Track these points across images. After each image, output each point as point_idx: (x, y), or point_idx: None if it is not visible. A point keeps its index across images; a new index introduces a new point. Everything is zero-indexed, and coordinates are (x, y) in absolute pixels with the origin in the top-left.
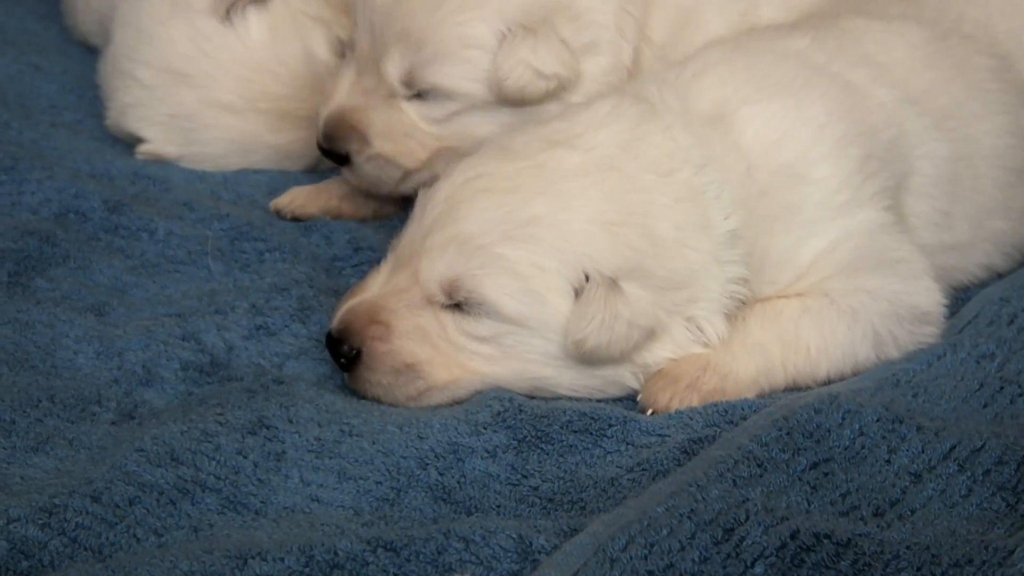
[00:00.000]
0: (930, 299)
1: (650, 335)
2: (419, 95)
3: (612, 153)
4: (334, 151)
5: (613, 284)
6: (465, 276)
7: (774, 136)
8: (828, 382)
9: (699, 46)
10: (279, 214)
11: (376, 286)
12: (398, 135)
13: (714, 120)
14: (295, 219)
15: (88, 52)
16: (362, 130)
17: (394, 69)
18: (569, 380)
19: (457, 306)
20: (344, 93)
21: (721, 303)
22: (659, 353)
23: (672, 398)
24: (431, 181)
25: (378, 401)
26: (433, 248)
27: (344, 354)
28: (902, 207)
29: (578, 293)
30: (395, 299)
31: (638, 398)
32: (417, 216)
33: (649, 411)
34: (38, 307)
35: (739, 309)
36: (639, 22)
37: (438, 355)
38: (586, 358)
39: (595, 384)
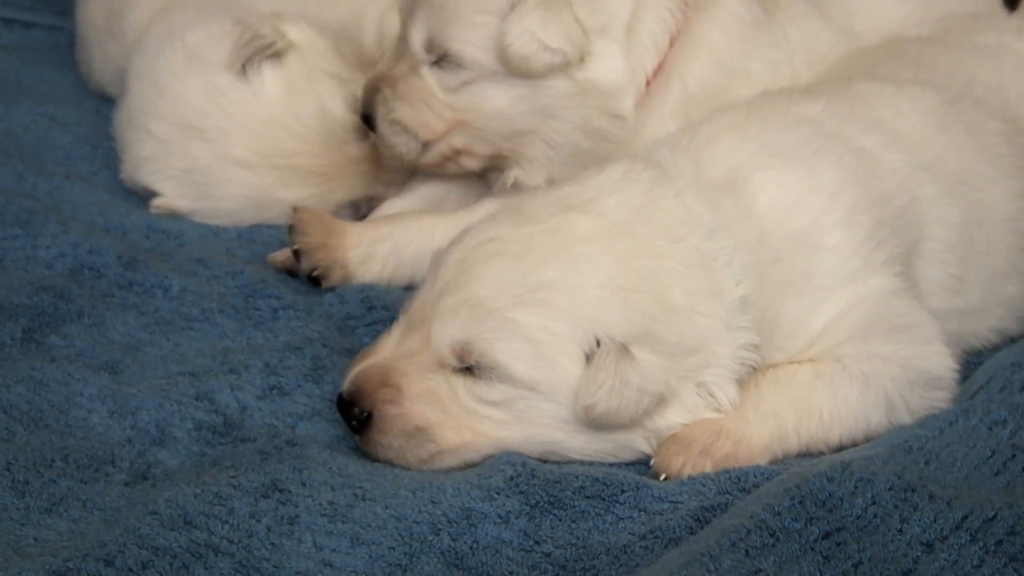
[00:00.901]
0: (942, 364)
1: (660, 401)
2: (438, 62)
3: (624, 218)
4: (365, 115)
5: (624, 349)
6: (477, 340)
7: (787, 203)
8: (841, 447)
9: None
10: (274, 266)
11: (388, 348)
12: (417, 102)
13: (727, 186)
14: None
15: (103, 102)
16: (386, 93)
17: (417, 34)
18: (580, 444)
19: (468, 370)
20: (385, 62)
21: (732, 369)
22: (671, 418)
23: (685, 463)
24: (452, 155)
25: (390, 464)
26: (445, 311)
27: (355, 416)
28: (914, 273)
29: (589, 358)
30: (406, 362)
31: (651, 463)
32: (430, 279)
33: (662, 476)
34: (52, 365)
35: (751, 374)
36: (658, 43)
37: (449, 418)
38: (596, 423)
39: (607, 448)
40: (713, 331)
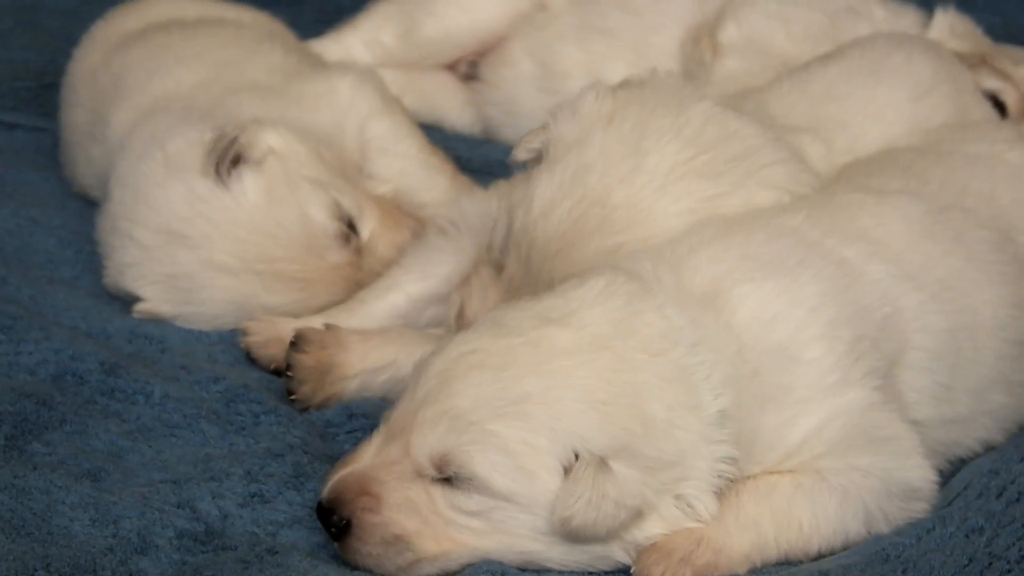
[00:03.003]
0: (921, 476)
1: (638, 514)
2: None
3: (604, 331)
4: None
5: (602, 463)
6: (456, 451)
7: (766, 316)
8: (819, 556)
9: None
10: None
11: (368, 456)
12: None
13: (707, 299)
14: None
15: (87, 205)
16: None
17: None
18: (558, 555)
19: (447, 480)
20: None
21: (710, 482)
22: (649, 530)
23: (665, 572)
24: None
25: (370, 572)
26: (425, 422)
27: (334, 524)
28: (899, 384)
29: (567, 470)
30: (386, 471)
31: (631, 571)
32: (411, 388)
33: None
34: (34, 473)
35: (730, 485)
36: None
37: (427, 527)
38: (574, 536)
39: (584, 560)
40: (691, 445)
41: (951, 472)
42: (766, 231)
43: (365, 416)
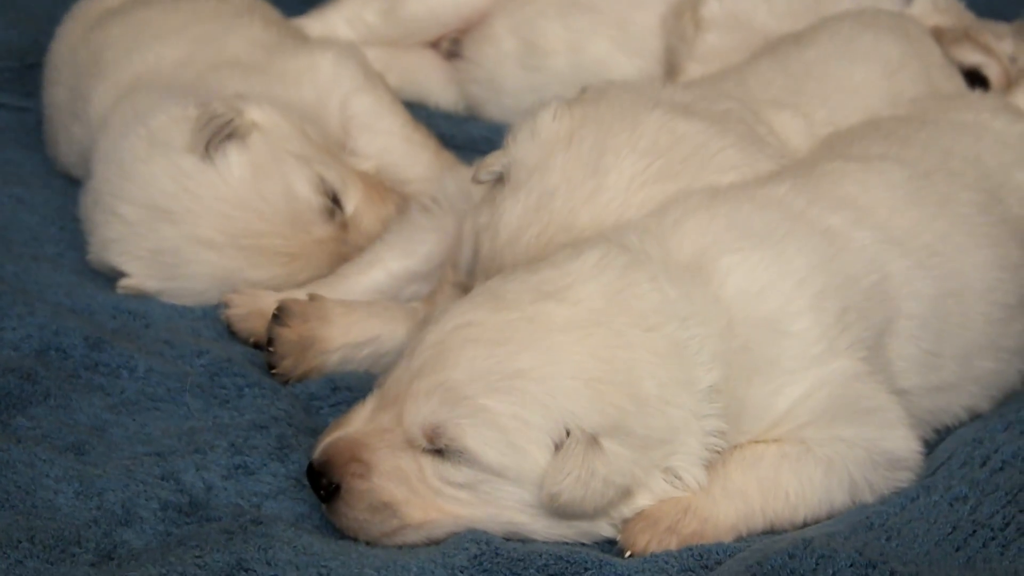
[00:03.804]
0: (906, 446)
1: (626, 492)
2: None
3: (599, 306)
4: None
5: (593, 440)
6: (448, 424)
7: (754, 288)
8: (805, 525)
9: None
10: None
11: (360, 421)
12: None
13: (694, 270)
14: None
15: (70, 183)
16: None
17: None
18: (543, 528)
19: (438, 451)
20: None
21: (700, 455)
22: (637, 505)
23: (651, 540)
24: None
25: (354, 536)
26: (419, 393)
27: (324, 487)
28: (887, 352)
29: (558, 447)
30: (377, 438)
31: (617, 538)
32: (406, 357)
33: (628, 553)
34: (19, 446)
35: (717, 455)
36: None
37: (415, 496)
38: (561, 511)
39: (570, 534)
40: (683, 421)
41: (936, 441)
42: (752, 202)
43: (349, 389)
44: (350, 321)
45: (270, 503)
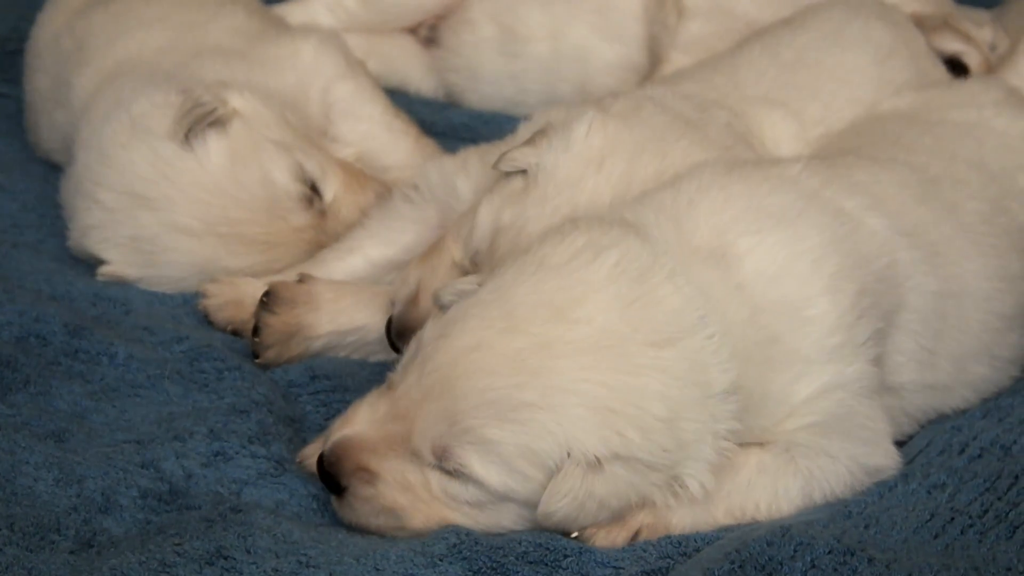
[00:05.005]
0: (888, 459)
1: (625, 509)
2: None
3: (613, 325)
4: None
5: (596, 463)
6: (456, 449)
7: (771, 270)
8: None
9: None
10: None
11: (369, 422)
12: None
13: (712, 256)
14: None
15: (51, 169)
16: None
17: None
18: (529, 528)
19: (444, 468)
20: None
21: (710, 460)
22: (636, 517)
23: (597, 532)
24: None
25: (358, 529)
26: (429, 415)
27: (330, 484)
28: (886, 344)
29: (559, 467)
30: (386, 446)
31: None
32: (417, 366)
33: (573, 533)
34: None
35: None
36: None
37: (419, 503)
38: (555, 527)
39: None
40: (695, 433)
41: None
42: (767, 181)
43: (327, 377)
44: (338, 308)
45: (249, 489)
